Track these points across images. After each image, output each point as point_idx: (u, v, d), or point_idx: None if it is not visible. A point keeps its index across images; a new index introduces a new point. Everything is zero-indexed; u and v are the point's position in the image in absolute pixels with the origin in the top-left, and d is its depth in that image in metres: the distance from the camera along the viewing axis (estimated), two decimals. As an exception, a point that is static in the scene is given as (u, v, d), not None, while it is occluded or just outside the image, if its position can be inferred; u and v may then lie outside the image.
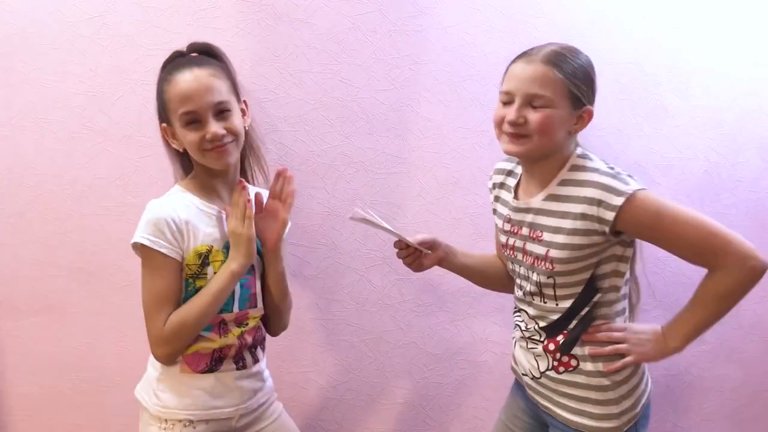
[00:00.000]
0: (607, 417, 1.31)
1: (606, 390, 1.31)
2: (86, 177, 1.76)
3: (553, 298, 1.31)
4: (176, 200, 1.35)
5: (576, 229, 1.23)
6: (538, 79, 1.22)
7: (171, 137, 1.37)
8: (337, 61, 1.76)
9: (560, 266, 1.26)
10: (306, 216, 1.83)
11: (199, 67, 1.32)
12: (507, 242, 1.38)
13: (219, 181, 1.40)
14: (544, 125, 1.22)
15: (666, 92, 1.87)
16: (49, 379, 1.87)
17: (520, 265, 1.37)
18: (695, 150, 1.92)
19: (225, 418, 1.41)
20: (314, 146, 1.80)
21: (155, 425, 1.38)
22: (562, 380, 1.34)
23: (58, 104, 1.72)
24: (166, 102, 1.34)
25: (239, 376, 1.42)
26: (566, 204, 1.25)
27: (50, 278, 1.81)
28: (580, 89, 1.23)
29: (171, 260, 1.30)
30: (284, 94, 1.76)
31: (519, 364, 1.45)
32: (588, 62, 1.26)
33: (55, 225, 1.78)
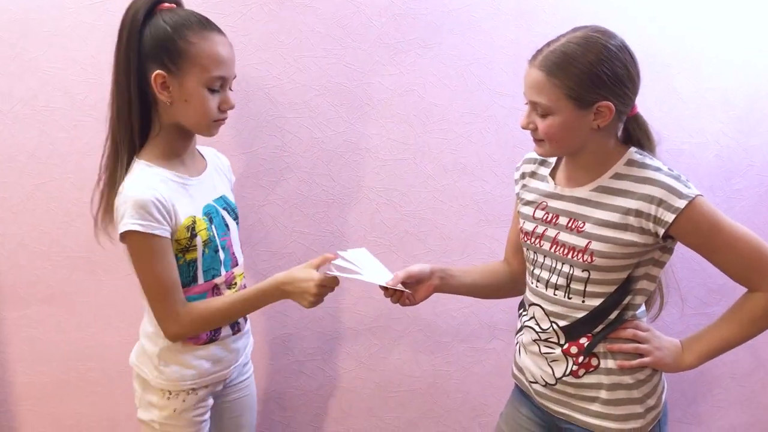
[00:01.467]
0: (632, 417, 1.28)
1: (630, 389, 1.27)
2: (90, 165, 1.74)
3: (581, 294, 1.25)
4: (150, 178, 1.29)
5: (627, 225, 1.19)
6: (533, 86, 1.19)
7: (161, 88, 1.27)
8: (341, 46, 1.74)
9: (600, 260, 1.21)
10: (311, 204, 1.82)
11: (224, 35, 1.31)
12: (534, 230, 1.32)
13: (186, 145, 1.37)
14: (550, 133, 1.20)
15: (676, 76, 1.84)
16: (54, 369, 1.87)
17: (545, 255, 1.31)
18: (706, 134, 1.89)
19: (222, 379, 1.46)
20: (318, 132, 1.78)
21: (156, 396, 1.39)
22: (582, 384, 1.29)
23: (60, 92, 1.70)
24: (191, 53, 1.26)
25: (235, 339, 1.45)
26: (619, 198, 1.20)
27: (54, 267, 1.80)
28: (582, 88, 1.16)
29: (165, 240, 1.28)
30: (288, 80, 1.74)
31: (525, 371, 1.38)
32: (595, 49, 1.16)
33: (58, 214, 1.77)
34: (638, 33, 1.80)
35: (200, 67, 1.27)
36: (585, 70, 1.15)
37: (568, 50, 1.16)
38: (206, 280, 1.37)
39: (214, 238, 1.37)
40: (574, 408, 1.31)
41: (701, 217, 1.17)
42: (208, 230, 1.36)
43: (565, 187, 1.29)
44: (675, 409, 2.06)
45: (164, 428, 1.40)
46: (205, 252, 1.35)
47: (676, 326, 1.99)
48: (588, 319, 1.26)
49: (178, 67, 1.27)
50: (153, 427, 1.41)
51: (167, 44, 1.26)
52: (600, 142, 1.23)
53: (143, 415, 1.43)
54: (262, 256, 1.83)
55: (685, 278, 1.95)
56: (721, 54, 1.85)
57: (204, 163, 1.45)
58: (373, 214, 1.84)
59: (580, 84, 1.15)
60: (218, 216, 1.41)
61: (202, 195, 1.39)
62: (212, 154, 1.51)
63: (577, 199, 1.26)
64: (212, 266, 1.38)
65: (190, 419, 1.41)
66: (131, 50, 1.27)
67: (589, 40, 1.17)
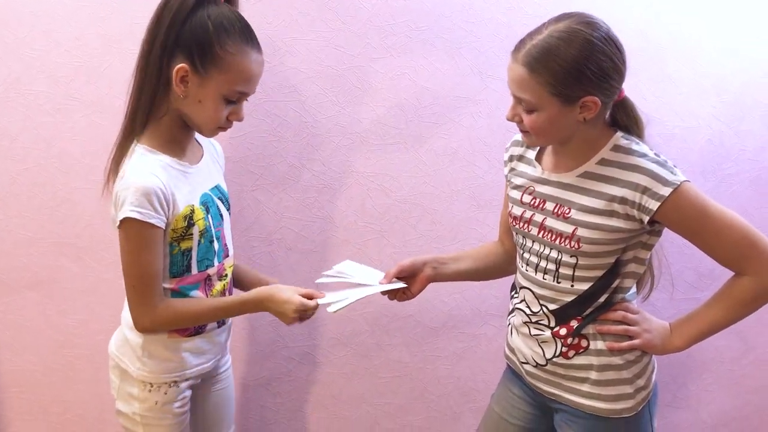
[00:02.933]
0: (622, 398, 1.28)
1: (620, 369, 1.28)
2: (75, 150, 1.72)
3: (570, 278, 1.25)
4: (152, 164, 1.26)
5: (612, 212, 1.18)
6: (517, 82, 1.17)
7: (180, 80, 1.24)
8: (331, 29, 1.71)
9: (587, 246, 1.21)
10: (301, 189, 1.80)
11: (261, 53, 1.29)
12: (522, 215, 1.32)
13: (189, 134, 1.35)
14: (536, 128, 1.19)
15: (670, 60, 1.83)
16: (41, 356, 1.85)
17: (533, 240, 1.31)
18: (698, 118, 1.88)
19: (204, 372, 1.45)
20: (308, 117, 1.76)
21: (137, 388, 1.37)
22: (572, 365, 1.29)
23: (44, 75, 1.67)
24: (226, 62, 1.23)
25: (219, 332, 1.44)
26: (605, 185, 1.20)
27: (40, 254, 1.78)
28: (567, 85, 1.13)
29: (159, 231, 1.25)
30: (277, 63, 1.71)
31: (517, 352, 1.39)
32: (580, 45, 1.13)
33: (43, 199, 1.74)
34: (632, 17, 1.79)
35: (227, 77, 1.24)
36: (568, 66, 1.12)
37: (550, 45, 1.13)
38: (200, 271, 1.35)
39: (210, 228, 1.35)
40: (564, 388, 1.31)
41: (687, 204, 1.16)
42: (205, 220, 1.33)
43: (552, 172, 1.28)
44: (665, 392, 2.07)
45: (145, 420, 1.38)
46: (200, 242, 1.33)
47: (667, 311, 1.99)
48: (577, 303, 1.26)
49: (205, 68, 1.23)
50: (134, 419, 1.38)
51: (204, 43, 1.22)
52: (587, 131, 1.22)
53: (123, 407, 1.40)
54: (252, 242, 1.81)
55: (675, 262, 1.95)
56: (714, 39, 1.84)
57: (201, 151, 1.42)
58: (364, 199, 1.83)
59: (563, 81, 1.13)
60: (214, 206, 1.38)
61: (200, 184, 1.36)
62: (207, 141, 1.47)
63: (563, 184, 1.25)
64: (206, 257, 1.36)
65: (172, 411, 1.38)
66: (170, 34, 1.22)
67: (571, 34, 1.13)
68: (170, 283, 1.32)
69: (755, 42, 1.85)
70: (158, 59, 1.24)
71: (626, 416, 1.28)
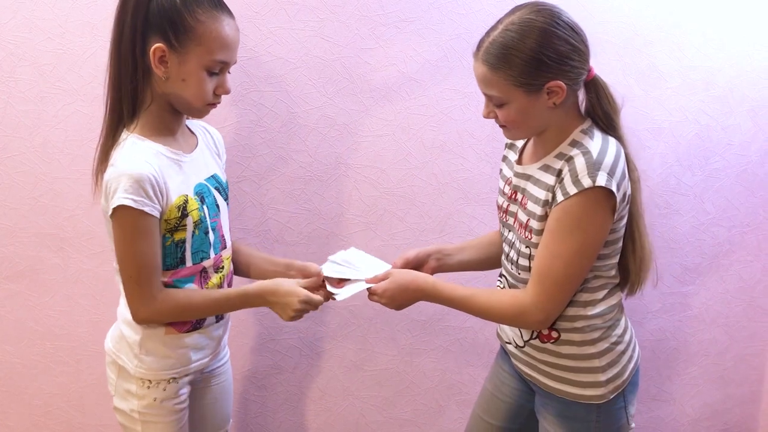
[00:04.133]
0: (593, 385, 1.30)
1: (592, 358, 1.29)
2: (57, 139, 1.69)
3: (527, 269, 1.27)
4: (144, 151, 1.23)
5: (547, 201, 1.21)
6: (482, 80, 1.20)
7: (159, 62, 1.21)
8: (319, 18, 1.69)
9: (536, 238, 1.23)
10: (288, 180, 1.78)
11: (233, 18, 1.26)
12: (502, 205, 1.36)
13: (178, 119, 1.32)
14: (510, 120, 1.22)
15: (658, 54, 1.82)
16: (23, 348, 1.83)
17: (509, 230, 1.34)
18: (686, 112, 1.88)
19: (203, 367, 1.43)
20: (296, 107, 1.74)
21: (135, 385, 1.34)
22: (546, 349, 1.31)
23: (26, 62, 1.64)
24: (199, 32, 1.20)
25: (217, 327, 1.42)
26: (550, 176, 1.21)
27: (21, 244, 1.75)
28: (528, 74, 1.15)
29: (154, 220, 1.22)
30: (264, 53, 1.69)
31: (503, 331, 1.43)
32: (534, 34, 1.14)
33: (25, 189, 1.71)
34: (621, 11, 1.78)
35: (204, 47, 1.21)
36: (526, 58, 1.14)
37: (506, 40, 1.15)
38: (195, 263, 1.32)
39: (205, 219, 1.32)
40: (539, 371, 1.35)
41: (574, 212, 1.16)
42: (199, 210, 1.30)
43: (525, 163, 1.30)
44: (650, 386, 2.08)
45: (144, 417, 1.35)
46: (195, 233, 1.30)
47: (653, 305, 2.00)
48: None
49: (181, 43, 1.20)
50: (132, 416, 1.36)
51: (174, 18, 1.19)
52: (561, 116, 1.22)
53: (121, 404, 1.37)
54: (237, 233, 1.79)
55: (661, 256, 1.95)
56: (703, 33, 1.83)
57: (195, 139, 1.38)
58: (351, 191, 1.81)
59: (524, 72, 1.15)
60: (210, 196, 1.35)
61: (194, 173, 1.33)
62: (201, 129, 1.43)
63: (527, 176, 1.28)
64: (201, 248, 1.32)
65: (171, 408, 1.36)
66: (138, 17, 1.19)
67: (524, 26, 1.15)
68: (164, 276, 1.28)
69: (743, 36, 1.85)
70: (131, 45, 1.21)
71: (597, 402, 1.30)
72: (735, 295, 2.05)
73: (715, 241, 1.99)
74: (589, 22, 1.45)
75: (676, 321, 2.03)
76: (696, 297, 2.03)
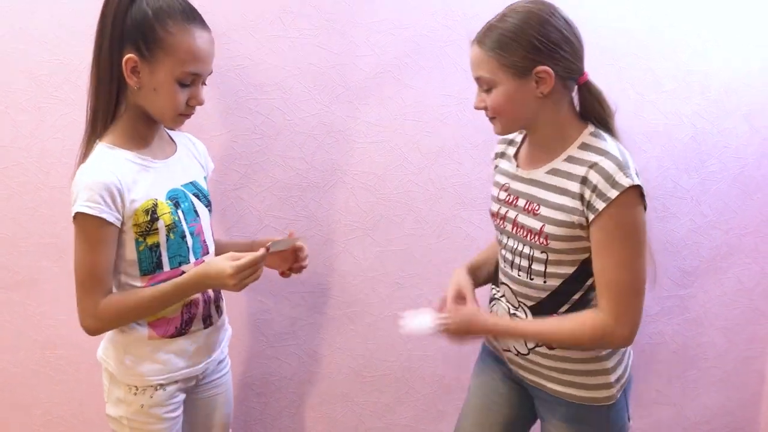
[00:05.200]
0: (603, 386, 1.30)
1: (602, 360, 1.29)
2: (55, 149, 1.70)
3: (542, 275, 1.27)
4: (108, 160, 1.25)
5: (575, 209, 1.19)
6: (474, 62, 1.23)
7: (131, 71, 1.23)
8: (314, 26, 1.70)
9: (555, 243, 1.22)
10: (284, 187, 1.79)
11: (208, 31, 1.27)
12: (498, 211, 1.35)
13: (152, 128, 1.33)
14: (497, 106, 1.22)
15: (654, 57, 1.83)
16: (22, 358, 1.83)
17: (509, 236, 1.33)
18: (681, 116, 1.88)
19: (193, 375, 1.42)
20: (292, 115, 1.75)
21: (123, 391, 1.35)
22: (554, 355, 1.30)
23: (23, 73, 1.65)
24: (169, 44, 1.21)
25: (207, 333, 1.41)
26: (569, 182, 1.21)
27: (20, 254, 1.75)
28: (515, 55, 1.17)
29: (110, 227, 1.23)
30: (260, 61, 1.70)
31: (500, 339, 1.41)
32: (528, 19, 1.18)
33: (23, 199, 1.72)
34: (617, 15, 1.79)
35: (175, 59, 1.22)
36: (515, 37, 1.17)
37: (501, 23, 1.20)
38: (172, 267, 1.32)
39: (179, 223, 1.32)
40: (545, 377, 1.33)
41: (625, 215, 1.16)
42: (172, 214, 1.31)
43: (525, 169, 1.31)
44: (650, 390, 2.08)
45: (132, 424, 1.35)
46: (170, 237, 1.31)
47: (652, 308, 2.00)
48: (551, 299, 1.27)
49: (152, 54, 1.22)
50: (121, 423, 1.36)
51: (145, 29, 1.21)
52: (551, 113, 1.23)
53: (111, 411, 1.38)
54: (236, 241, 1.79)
55: (659, 260, 1.95)
56: (698, 36, 1.84)
57: (173, 147, 1.40)
58: (348, 197, 1.82)
59: (513, 52, 1.17)
60: (187, 201, 1.36)
61: (168, 179, 1.34)
62: (185, 138, 1.46)
63: (533, 181, 1.28)
64: (179, 253, 1.33)
65: (160, 416, 1.36)
66: (115, 29, 1.22)
67: (520, 12, 1.19)
68: (141, 281, 1.30)
69: (738, 39, 1.86)
70: (108, 56, 1.23)
71: (606, 404, 1.30)
72: (733, 297, 2.05)
73: (713, 244, 1.99)
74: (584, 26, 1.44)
75: (675, 324, 2.03)
76: (694, 300, 2.03)
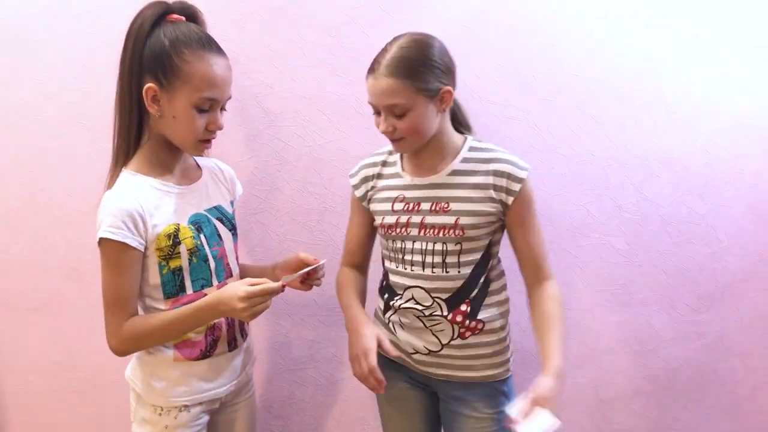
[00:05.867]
0: (503, 364, 1.46)
1: (503, 341, 1.46)
2: (82, 174, 1.75)
3: (456, 265, 1.40)
4: (131, 187, 1.30)
5: (484, 198, 1.37)
6: (386, 92, 1.30)
7: (151, 100, 1.28)
8: (333, 56, 1.74)
9: (470, 231, 1.37)
10: (304, 212, 1.82)
11: (224, 57, 1.32)
12: (398, 221, 1.43)
13: (176, 157, 1.38)
14: (412, 128, 1.33)
15: (666, 84, 1.86)
16: (44, 378, 1.86)
17: (414, 240, 1.42)
18: (696, 142, 1.90)
19: (218, 398, 1.44)
20: (311, 141, 1.79)
21: (148, 411, 1.38)
22: (468, 344, 1.42)
23: (52, 101, 1.71)
24: (184, 72, 1.26)
25: (232, 356, 1.44)
26: (474, 177, 1.38)
27: (45, 276, 1.80)
28: (428, 81, 1.30)
29: (134, 252, 1.27)
30: (280, 89, 1.75)
31: (404, 345, 1.48)
32: (427, 48, 1.31)
33: (50, 222, 1.77)
34: (631, 44, 1.82)
35: (191, 86, 1.27)
36: (426, 65, 1.30)
37: (405, 54, 1.30)
38: (195, 290, 1.36)
39: (202, 247, 1.36)
40: (456, 368, 1.45)
41: (530, 191, 1.39)
42: (194, 239, 1.35)
43: (421, 177, 1.42)
44: (665, 415, 2.07)
45: None
46: (192, 261, 1.34)
47: (667, 333, 2.00)
48: (464, 287, 1.41)
49: (169, 82, 1.27)
50: None
51: (162, 58, 1.26)
52: (441, 127, 1.39)
53: (137, 430, 1.40)
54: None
55: (675, 285, 1.96)
56: (710, 62, 1.87)
57: (199, 173, 1.44)
58: (366, 222, 1.84)
59: (426, 79, 1.30)
60: (209, 225, 1.40)
61: (191, 204, 1.38)
62: (211, 164, 1.50)
63: (435, 185, 1.41)
64: (201, 276, 1.37)
65: None
66: (134, 60, 1.28)
67: (416, 41, 1.32)
68: (165, 304, 1.33)
69: (750, 66, 1.88)
70: (129, 86, 1.29)
71: (506, 377, 1.48)
72: (750, 323, 2.05)
73: (729, 269, 2.00)
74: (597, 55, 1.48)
75: (691, 350, 2.03)
76: (710, 326, 2.03)
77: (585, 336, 1.97)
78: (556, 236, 1.90)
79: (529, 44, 1.80)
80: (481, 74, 1.79)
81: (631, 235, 1.93)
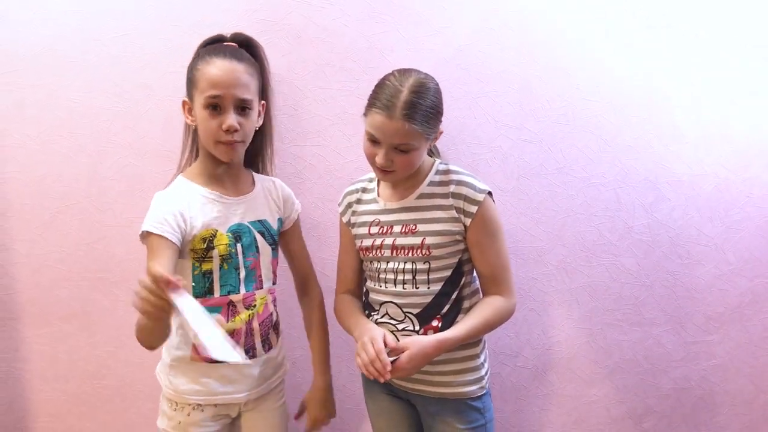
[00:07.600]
0: (477, 381, 1.50)
1: (476, 358, 1.50)
2: (112, 189, 1.82)
3: (426, 282, 1.47)
4: (179, 189, 1.43)
5: (447, 218, 1.45)
6: (399, 133, 1.38)
7: (188, 113, 1.43)
8: (354, 79, 1.81)
9: (436, 251, 1.45)
10: (324, 229, 1.88)
11: (238, 60, 1.40)
12: (373, 244, 1.52)
13: (223, 168, 1.47)
14: (407, 164, 1.42)
15: (675, 108, 1.91)
16: (72, 386, 1.91)
17: (388, 261, 1.50)
18: (705, 166, 1.94)
19: (234, 403, 1.48)
20: (332, 161, 1.85)
21: (167, 405, 1.47)
22: (441, 360, 1.46)
23: (86, 119, 1.78)
24: (196, 78, 1.39)
25: (250, 365, 1.48)
26: (438, 199, 1.46)
27: (75, 287, 1.86)
28: (434, 126, 1.41)
29: (170, 244, 1.34)
30: (303, 111, 1.82)
31: None
32: (434, 94, 1.41)
33: (80, 235, 1.83)
34: (640, 69, 1.87)
35: (199, 89, 1.39)
36: (435, 112, 1.41)
37: (419, 100, 1.37)
38: (222, 295, 1.43)
39: (235, 256, 1.43)
40: (430, 383, 1.50)
41: (490, 211, 1.46)
42: (229, 246, 1.42)
43: (392, 202, 1.51)
44: (676, 435, 2.09)
45: None
46: (223, 267, 1.42)
47: (677, 353, 2.03)
48: (435, 303, 1.47)
49: (190, 93, 1.42)
50: None
51: (189, 75, 1.42)
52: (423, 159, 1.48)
53: (159, 422, 1.50)
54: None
55: (684, 306, 1.99)
56: (720, 86, 1.92)
57: (251, 188, 1.52)
58: (383, 239, 1.89)
59: (434, 125, 1.41)
60: (249, 236, 1.47)
61: (236, 214, 1.46)
62: (269, 182, 1.58)
63: (405, 208, 1.50)
64: (229, 282, 1.43)
65: None
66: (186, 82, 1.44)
67: (422, 87, 1.39)
68: None
69: (758, 89, 1.93)
70: (183, 105, 1.45)
71: (480, 394, 1.51)
72: (759, 344, 2.07)
73: (738, 291, 2.02)
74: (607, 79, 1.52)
75: (701, 370, 2.05)
76: (720, 346, 2.05)
77: (596, 355, 2.00)
78: (569, 256, 1.94)
79: (543, 69, 1.86)
80: (496, 98, 1.85)
81: (642, 256, 1.96)
